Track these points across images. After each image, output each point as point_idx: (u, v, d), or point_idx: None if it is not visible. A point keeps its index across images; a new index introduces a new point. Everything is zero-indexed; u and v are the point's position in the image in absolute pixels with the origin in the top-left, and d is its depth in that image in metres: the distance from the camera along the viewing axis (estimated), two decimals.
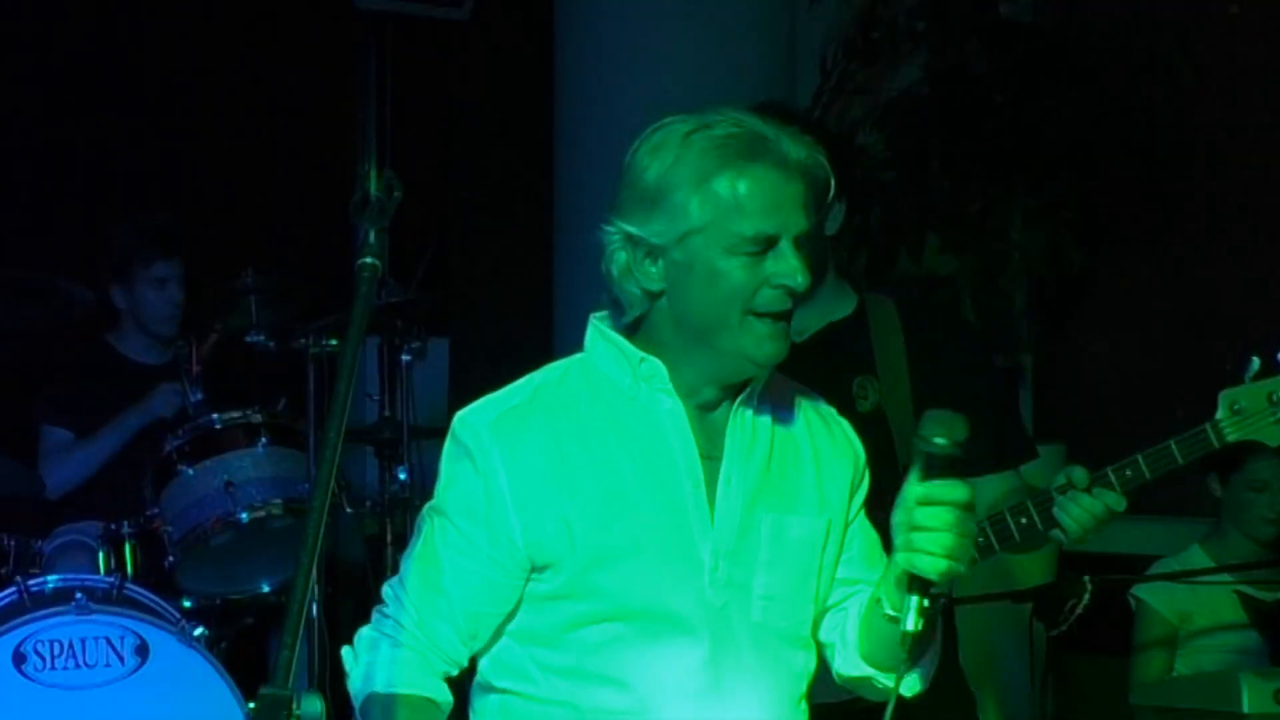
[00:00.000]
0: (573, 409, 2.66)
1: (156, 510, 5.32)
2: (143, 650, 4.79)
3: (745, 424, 2.69)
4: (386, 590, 2.72)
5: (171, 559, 5.25)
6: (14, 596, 4.88)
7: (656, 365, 2.64)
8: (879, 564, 2.74)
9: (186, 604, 5.23)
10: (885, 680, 2.71)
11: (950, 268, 5.60)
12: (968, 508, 2.49)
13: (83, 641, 4.74)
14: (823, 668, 2.80)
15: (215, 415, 5.39)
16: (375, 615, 2.72)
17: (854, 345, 3.65)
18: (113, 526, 5.33)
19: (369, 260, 2.42)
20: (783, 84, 6.53)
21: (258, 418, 5.42)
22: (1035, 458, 3.80)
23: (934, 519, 2.47)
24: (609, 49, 6.41)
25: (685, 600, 2.60)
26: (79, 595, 4.81)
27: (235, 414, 5.42)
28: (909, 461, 3.31)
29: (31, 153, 7.01)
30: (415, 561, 2.68)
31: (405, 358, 5.69)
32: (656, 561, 2.60)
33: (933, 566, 2.47)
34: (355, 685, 2.69)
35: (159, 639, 4.80)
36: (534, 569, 2.62)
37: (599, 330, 2.73)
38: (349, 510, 5.45)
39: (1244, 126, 6.50)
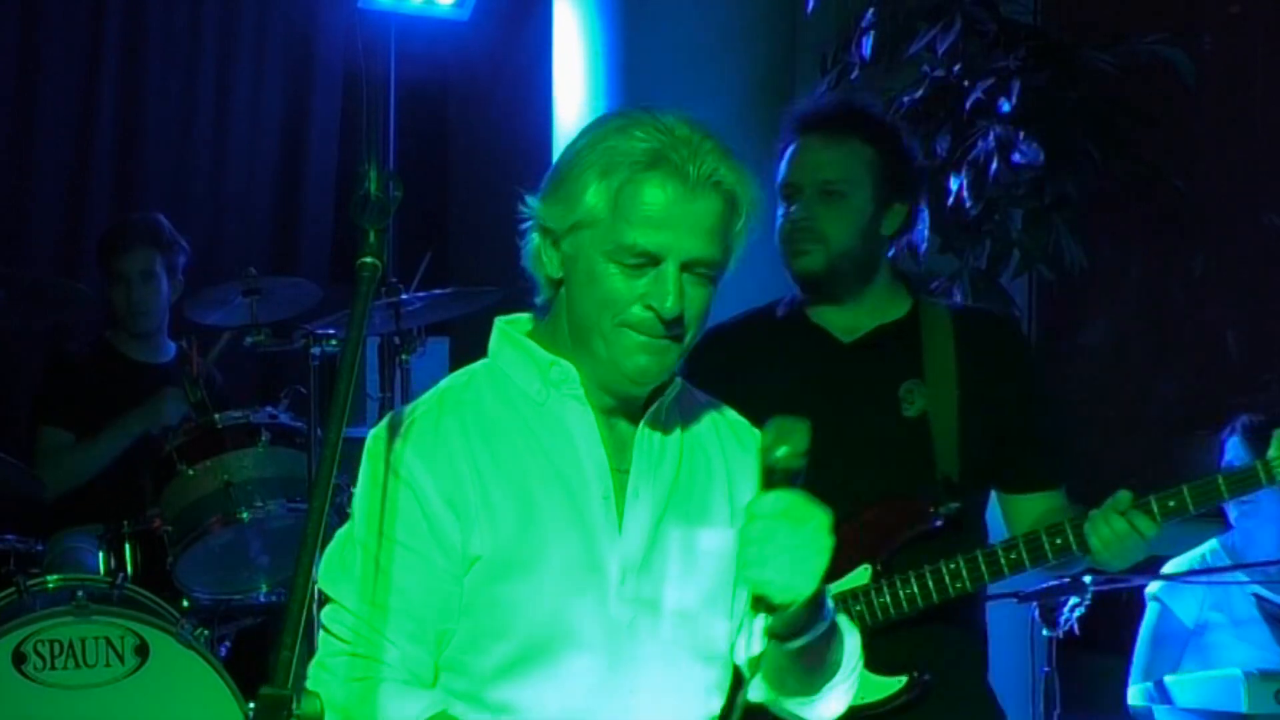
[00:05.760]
0: (480, 414, 2.55)
1: (157, 510, 5.31)
2: (142, 650, 4.79)
3: (654, 436, 2.60)
4: (340, 626, 2.51)
5: (171, 559, 5.25)
6: (14, 596, 4.88)
7: (568, 370, 2.54)
8: None
9: (186, 604, 5.23)
10: (788, 707, 2.65)
11: (951, 267, 5.61)
12: (803, 520, 2.37)
13: (82, 641, 4.75)
14: None
15: (216, 415, 5.38)
16: (339, 657, 2.50)
17: (903, 349, 3.68)
18: (113, 526, 5.33)
19: (369, 260, 2.39)
20: (783, 83, 6.53)
21: (258, 418, 5.40)
22: (1068, 479, 3.81)
23: (764, 533, 2.36)
24: (609, 49, 6.41)
25: (587, 616, 2.51)
26: (79, 595, 4.81)
27: (236, 414, 5.41)
28: (947, 471, 3.59)
29: (26, 152, 7.02)
30: (369, 589, 2.50)
31: (405, 357, 5.69)
32: (560, 574, 2.50)
33: (759, 582, 2.36)
34: None
35: (159, 639, 4.81)
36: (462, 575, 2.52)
37: (506, 334, 2.63)
38: (350, 511, 5.44)
39: (1246, 124, 6.49)
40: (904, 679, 3.54)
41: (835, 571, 3.35)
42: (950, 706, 3.61)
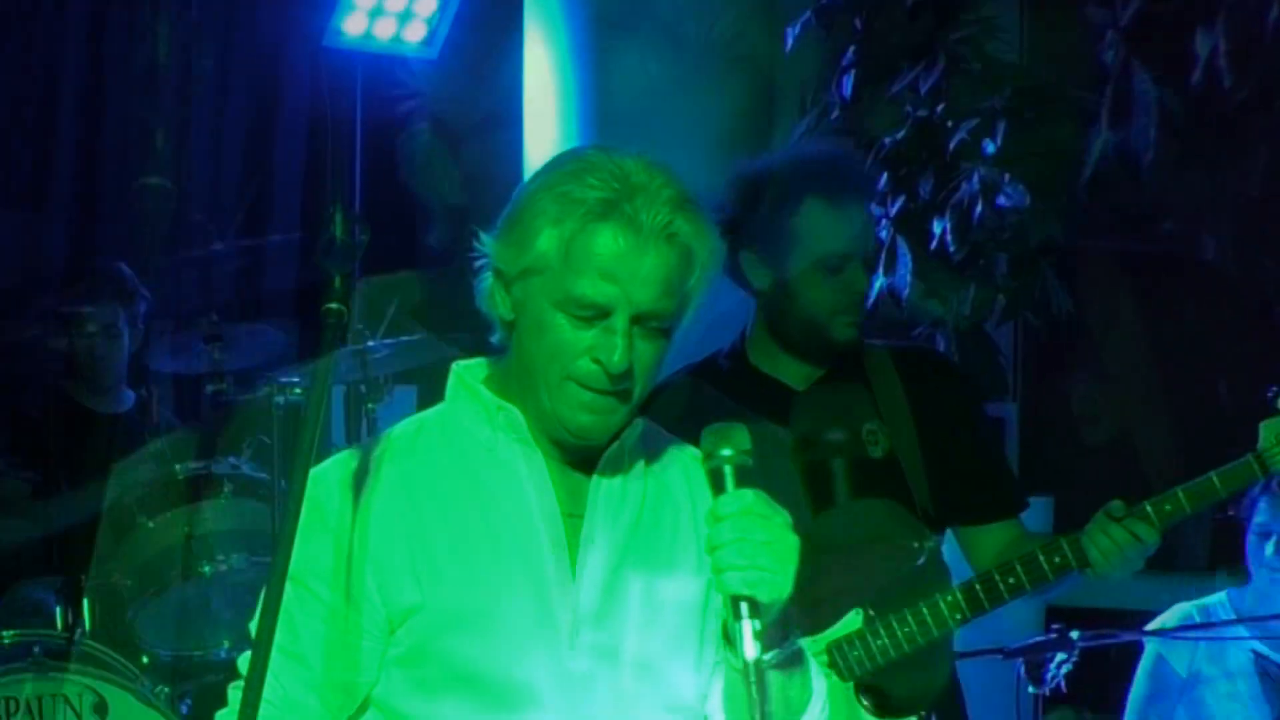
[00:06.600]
0: (427, 463, 2.57)
1: (116, 563, 5.35)
2: (101, 708, 4.84)
3: (612, 480, 2.60)
4: (241, 664, 2.47)
5: (131, 613, 5.32)
6: None
7: (514, 415, 2.56)
8: None
9: (146, 660, 5.27)
10: None
11: (936, 312, 5.64)
12: (769, 515, 2.39)
13: (39, 700, 4.78)
14: None
15: (177, 465, 5.46)
16: (231, 692, 2.58)
17: (856, 392, 3.82)
18: (71, 579, 5.35)
19: (334, 305, 2.42)
20: (761, 123, 6.58)
21: (220, 468, 5.47)
22: (1026, 507, 3.96)
23: (732, 530, 2.36)
24: (581, 90, 6.47)
25: (540, 668, 2.51)
26: (36, 651, 4.84)
27: (198, 464, 5.48)
28: (925, 506, 3.75)
29: None
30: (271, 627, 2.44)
31: (371, 406, 5.74)
32: (510, 626, 2.51)
33: (744, 580, 2.35)
34: None
35: (118, 697, 4.85)
36: (392, 630, 2.53)
37: (459, 379, 2.65)
38: None
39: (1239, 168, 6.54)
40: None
41: (825, 620, 3.66)
42: None
